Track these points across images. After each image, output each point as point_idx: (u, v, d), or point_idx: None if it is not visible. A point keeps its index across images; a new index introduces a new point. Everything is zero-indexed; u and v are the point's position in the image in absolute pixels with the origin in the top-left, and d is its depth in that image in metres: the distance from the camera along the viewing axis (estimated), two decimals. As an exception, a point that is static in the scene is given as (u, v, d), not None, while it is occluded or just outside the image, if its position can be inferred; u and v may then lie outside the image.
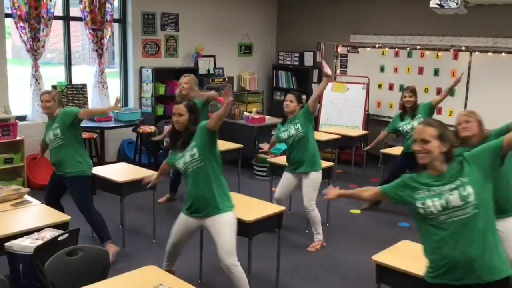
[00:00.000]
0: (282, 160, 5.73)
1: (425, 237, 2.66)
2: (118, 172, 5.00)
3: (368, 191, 3.03)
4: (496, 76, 7.13)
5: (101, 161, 6.75)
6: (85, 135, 6.42)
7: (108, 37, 7.22)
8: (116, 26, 7.62)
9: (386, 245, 3.57)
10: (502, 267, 2.54)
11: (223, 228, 3.58)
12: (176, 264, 4.51)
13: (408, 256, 3.23)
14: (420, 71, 7.86)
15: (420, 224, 2.69)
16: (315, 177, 4.92)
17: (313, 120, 4.97)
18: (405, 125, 5.85)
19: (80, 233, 3.43)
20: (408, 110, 5.90)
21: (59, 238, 3.19)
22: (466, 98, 7.42)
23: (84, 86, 7.23)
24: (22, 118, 6.73)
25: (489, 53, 7.16)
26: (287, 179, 5.04)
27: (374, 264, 3.23)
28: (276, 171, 5.76)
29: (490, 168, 2.55)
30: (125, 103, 7.79)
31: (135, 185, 4.82)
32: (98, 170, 5.04)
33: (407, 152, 5.59)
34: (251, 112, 8.00)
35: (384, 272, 3.14)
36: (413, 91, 5.93)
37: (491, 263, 2.51)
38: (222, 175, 3.68)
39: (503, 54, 7.04)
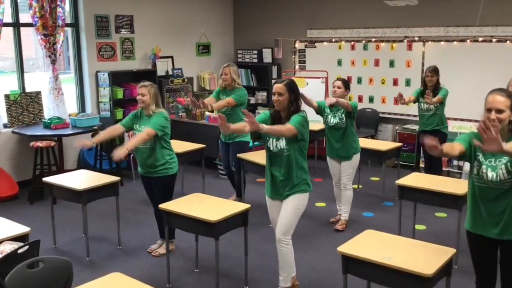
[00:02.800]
0: (249, 156, 5.75)
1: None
2: (78, 179, 4.88)
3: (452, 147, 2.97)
4: (449, 65, 7.32)
5: (60, 169, 6.59)
6: (42, 143, 6.28)
7: (61, 42, 7.04)
8: (69, 30, 7.45)
9: (352, 235, 3.62)
10: None
11: (291, 206, 3.79)
12: (143, 268, 4.46)
13: (373, 245, 3.28)
14: (376, 63, 7.99)
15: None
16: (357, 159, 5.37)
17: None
18: (423, 104, 6.23)
19: (41, 244, 3.34)
20: (429, 89, 6.14)
21: (19, 251, 3.10)
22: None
23: (38, 93, 7.03)
24: (-24, 130, 6.52)
25: (442, 42, 7.35)
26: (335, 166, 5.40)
27: (340, 254, 3.26)
28: (245, 167, 5.76)
29: None
30: (82, 109, 7.63)
31: (97, 192, 4.73)
32: (57, 179, 4.92)
33: (421, 130, 6.33)
34: (212, 111, 7.95)
35: (350, 262, 3.18)
36: (434, 70, 6.18)
37: None
38: (305, 160, 3.90)
39: (454, 42, 7.23)
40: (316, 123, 8.08)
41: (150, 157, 4.53)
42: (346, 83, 5.27)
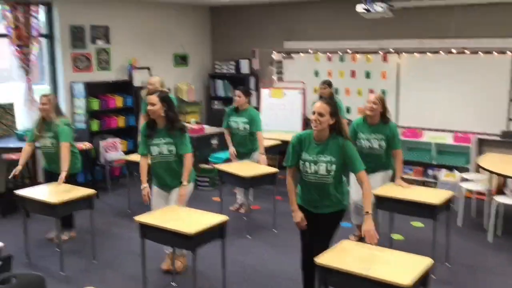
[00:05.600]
0: (227, 167, 5.74)
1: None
2: (52, 192, 4.78)
3: None
4: (424, 76, 7.43)
5: (34, 182, 6.46)
6: (14, 155, 6.15)
7: (35, 53, 6.94)
8: (43, 41, 7.35)
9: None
10: None
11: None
12: (119, 282, 4.39)
13: (349, 255, 3.28)
14: (353, 74, 8.07)
15: None
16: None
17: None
18: None
19: (13, 259, 3.25)
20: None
21: (-10, 267, 3.01)
22: (397, 98, 7.68)
23: (11, 105, 6.91)
24: None
25: (416, 54, 7.46)
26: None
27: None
28: (223, 178, 5.76)
29: None
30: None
31: (71, 205, 4.65)
32: (30, 192, 4.81)
33: None
34: (189, 122, 7.92)
35: (328, 273, 3.17)
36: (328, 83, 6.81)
37: None
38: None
39: (428, 54, 7.35)
40: (293, 133, 8.10)
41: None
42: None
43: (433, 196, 4.55)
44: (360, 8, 5.98)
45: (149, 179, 4.60)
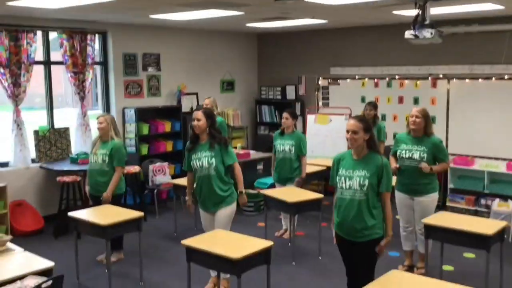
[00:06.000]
0: (273, 192, 5.73)
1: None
2: (103, 214, 4.91)
3: None
4: (474, 102, 7.25)
5: (86, 204, 6.65)
6: (68, 178, 6.38)
7: (89, 79, 7.23)
8: (97, 68, 7.65)
9: (376, 275, 3.53)
10: None
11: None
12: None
13: (399, 286, 3.19)
14: (400, 100, 7.97)
15: None
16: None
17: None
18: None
19: (64, 279, 3.35)
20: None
21: (43, 286, 3.11)
22: (447, 125, 7.51)
23: (66, 129, 7.19)
24: (4, 164, 6.65)
25: (467, 80, 7.30)
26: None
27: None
28: (268, 203, 5.76)
29: None
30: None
31: (120, 227, 4.75)
32: (82, 214, 4.96)
33: None
34: (235, 147, 8.00)
35: (375, 304, 3.09)
36: (373, 105, 6.82)
37: None
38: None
39: (480, 80, 7.18)
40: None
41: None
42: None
43: (486, 226, 4.38)
44: (408, 33, 5.92)
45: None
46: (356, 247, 3.66)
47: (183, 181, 6.41)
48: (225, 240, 4.13)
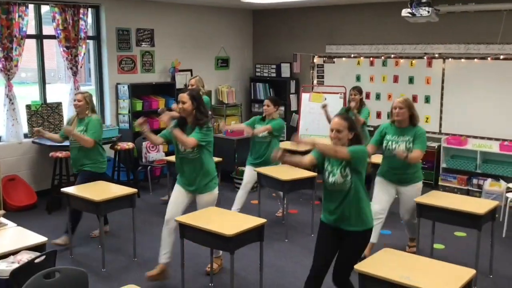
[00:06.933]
0: (266, 170, 5.72)
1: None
2: (96, 190, 4.91)
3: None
4: (469, 82, 7.25)
5: (79, 180, 6.65)
6: (61, 154, 6.35)
7: (82, 54, 7.15)
8: (90, 43, 7.56)
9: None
10: None
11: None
12: (158, 281, 4.45)
13: (390, 264, 3.23)
14: (395, 79, 7.95)
15: None
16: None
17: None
18: None
19: (57, 254, 3.36)
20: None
21: (36, 261, 3.11)
22: (441, 104, 7.52)
23: (59, 104, 7.13)
24: (-5, 139, 6.62)
25: (462, 60, 7.29)
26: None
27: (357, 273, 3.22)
28: (261, 181, 5.75)
29: None
30: (102, 120, 7.70)
31: (113, 204, 4.75)
32: (75, 189, 4.96)
33: None
34: (229, 125, 7.97)
35: (367, 281, 3.13)
36: (358, 90, 6.58)
37: None
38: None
39: (475, 60, 7.16)
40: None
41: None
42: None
43: (478, 205, 4.42)
44: (405, 12, 5.88)
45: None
46: (344, 238, 3.54)
47: (176, 158, 6.41)
48: (219, 217, 4.14)
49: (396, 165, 4.70)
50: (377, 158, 5.11)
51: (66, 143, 5.77)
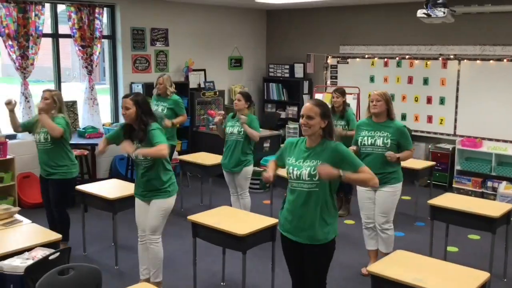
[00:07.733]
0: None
1: None
2: (110, 188, 4.95)
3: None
4: (484, 83, 7.18)
5: (93, 178, 6.70)
6: (76, 152, 6.39)
7: (97, 53, 7.21)
8: (105, 42, 7.62)
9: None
10: None
11: None
12: (170, 280, 4.47)
13: (403, 266, 3.21)
14: (410, 80, 7.90)
15: None
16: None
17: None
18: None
19: (71, 251, 3.39)
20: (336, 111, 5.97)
21: (50, 257, 3.15)
22: (456, 106, 7.46)
23: (74, 103, 7.20)
24: (12, 136, 6.68)
25: (477, 61, 7.22)
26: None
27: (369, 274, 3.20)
28: (276, 181, 5.72)
29: None
30: (116, 119, 7.77)
31: (127, 202, 4.78)
32: (89, 187, 5.00)
33: None
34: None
35: (380, 282, 3.12)
36: (341, 92, 6.04)
37: None
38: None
39: (491, 61, 7.09)
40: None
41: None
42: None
43: (492, 208, 4.38)
44: (420, 12, 5.84)
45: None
46: (305, 249, 3.25)
47: (189, 157, 6.43)
48: (231, 217, 4.15)
49: (372, 164, 4.07)
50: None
51: (83, 141, 5.76)
